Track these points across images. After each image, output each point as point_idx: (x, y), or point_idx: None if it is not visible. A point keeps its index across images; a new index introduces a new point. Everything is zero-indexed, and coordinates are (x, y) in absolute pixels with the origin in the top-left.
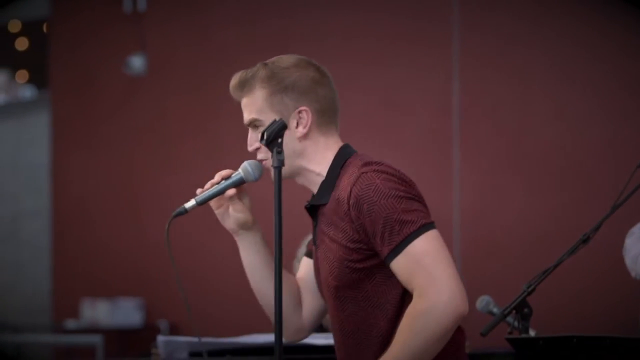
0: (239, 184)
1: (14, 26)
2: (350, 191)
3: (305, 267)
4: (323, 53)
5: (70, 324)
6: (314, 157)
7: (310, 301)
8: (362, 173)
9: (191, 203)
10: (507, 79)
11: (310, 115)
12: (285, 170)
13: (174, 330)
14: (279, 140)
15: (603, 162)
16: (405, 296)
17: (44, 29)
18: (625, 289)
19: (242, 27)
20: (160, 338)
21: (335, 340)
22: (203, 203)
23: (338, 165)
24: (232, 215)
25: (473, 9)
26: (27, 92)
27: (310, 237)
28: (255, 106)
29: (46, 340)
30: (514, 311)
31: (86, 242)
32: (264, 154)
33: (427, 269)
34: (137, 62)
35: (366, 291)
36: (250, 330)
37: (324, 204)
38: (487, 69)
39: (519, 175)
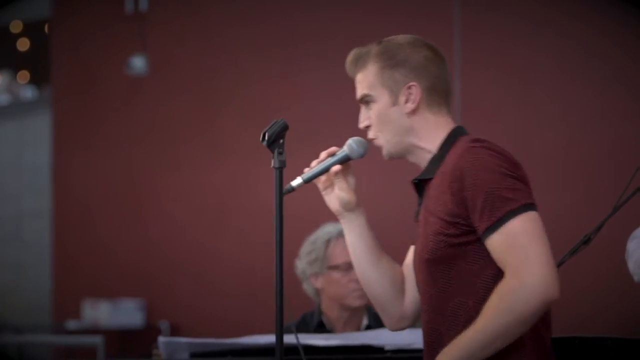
0: (344, 160)
1: (16, 27)
2: (456, 163)
3: (410, 255)
4: (325, 52)
5: (71, 324)
6: (424, 134)
7: (413, 288)
8: (470, 147)
9: (298, 181)
10: (508, 79)
11: (419, 91)
12: (394, 148)
13: (174, 331)
14: (281, 140)
15: (605, 163)
16: (497, 278)
17: (46, 30)
18: (627, 290)
19: (244, 27)
20: (161, 339)
21: (422, 317)
22: (309, 180)
23: (449, 143)
24: (336, 194)
25: (474, 9)
26: (29, 93)
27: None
28: (366, 82)
29: (47, 340)
30: None
31: (87, 243)
32: (373, 132)
33: (523, 248)
34: (138, 63)
35: (458, 268)
36: (252, 331)
37: (430, 179)
38: (488, 69)
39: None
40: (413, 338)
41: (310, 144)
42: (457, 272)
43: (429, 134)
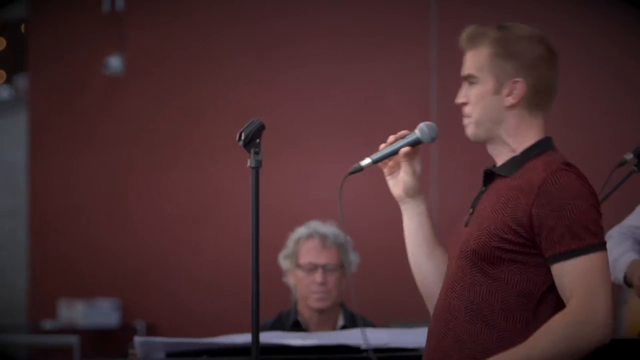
0: (414, 143)
1: None
2: (545, 179)
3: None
4: (305, 53)
5: (47, 324)
6: (514, 131)
7: None
8: (563, 169)
9: (367, 161)
10: None
11: (523, 88)
12: (482, 132)
13: (150, 330)
14: (257, 140)
15: (582, 162)
16: (531, 299)
17: (22, 29)
18: None
19: (222, 28)
20: (137, 339)
21: (437, 303)
22: (378, 161)
23: (536, 150)
24: (401, 178)
25: (452, 6)
26: (5, 93)
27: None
28: (476, 62)
29: (23, 340)
30: None
31: (63, 242)
32: (468, 111)
33: (593, 285)
34: (115, 62)
35: (499, 271)
36: (228, 331)
37: (504, 176)
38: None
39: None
40: (389, 337)
41: (290, 145)
42: (496, 275)
43: (519, 132)
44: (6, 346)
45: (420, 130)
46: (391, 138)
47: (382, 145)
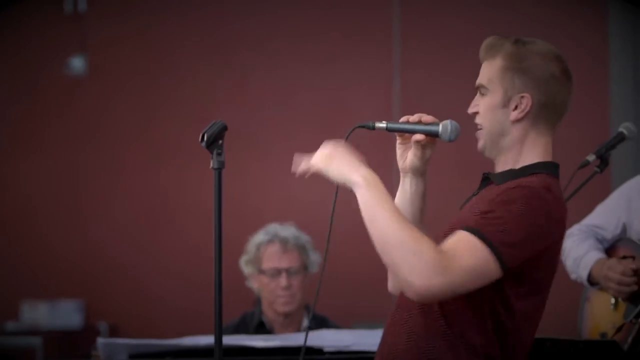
0: (431, 134)
1: None
2: (515, 186)
3: None
4: (267, 54)
5: (10, 325)
6: (517, 146)
7: None
8: (537, 188)
9: (382, 124)
10: (449, 80)
11: (530, 104)
12: (489, 145)
13: (113, 332)
14: (220, 141)
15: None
16: (487, 322)
17: None
18: (562, 288)
19: (185, 29)
20: (100, 340)
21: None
22: (391, 131)
23: (534, 170)
24: (408, 156)
25: (414, 9)
26: None
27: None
28: (488, 73)
29: None
30: None
31: (26, 244)
32: (479, 121)
33: (464, 255)
34: (77, 63)
35: None
36: (192, 333)
37: (495, 184)
38: (428, 69)
39: (463, 178)
40: (352, 339)
41: (252, 146)
42: None
43: (523, 147)
44: None
45: (444, 126)
46: (416, 116)
47: (404, 118)
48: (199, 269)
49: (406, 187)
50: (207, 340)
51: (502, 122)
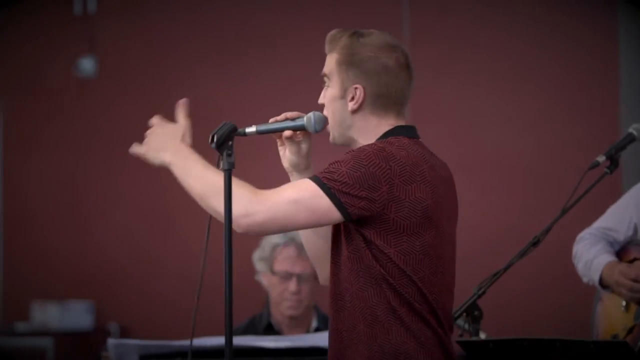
0: (298, 128)
1: None
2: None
3: None
4: (273, 55)
5: (20, 326)
6: (363, 133)
7: None
8: (372, 144)
9: (252, 129)
10: (456, 81)
11: (363, 94)
12: (337, 136)
13: (124, 333)
14: (229, 142)
15: (554, 164)
16: (381, 284)
17: None
18: (575, 292)
19: (193, 30)
20: (111, 341)
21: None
22: (262, 133)
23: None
24: (287, 154)
25: (423, 12)
26: None
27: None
28: (329, 65)
29: None
30: (464, 314)
31: (36, 245)
32: (326, 112)
33: (284, 187)
34: (87, 64)
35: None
36: (202, 334)
37: None
38: (436, 71)
39: (469, 177)
40: None
41: (258, 146)
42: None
43: (369, 133)
44: None
45: (307, 119)
46: (282, 116)
47: (272, 119)
48: (209, 269)
49: None
50: (217, 341)
51: (342, 113)
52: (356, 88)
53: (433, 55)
